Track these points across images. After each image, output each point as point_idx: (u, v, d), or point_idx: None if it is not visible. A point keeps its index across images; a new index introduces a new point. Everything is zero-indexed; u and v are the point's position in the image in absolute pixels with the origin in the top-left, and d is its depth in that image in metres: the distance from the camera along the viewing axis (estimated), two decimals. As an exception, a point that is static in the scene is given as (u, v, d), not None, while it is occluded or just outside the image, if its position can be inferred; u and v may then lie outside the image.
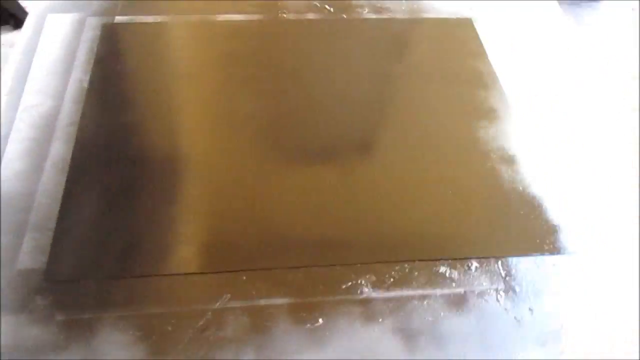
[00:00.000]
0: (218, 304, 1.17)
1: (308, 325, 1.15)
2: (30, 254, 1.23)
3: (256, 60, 1.78)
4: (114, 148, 1.48)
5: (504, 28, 1.93)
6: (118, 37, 1.79)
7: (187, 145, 1.51)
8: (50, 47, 1.73)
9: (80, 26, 1.80)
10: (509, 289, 1.24)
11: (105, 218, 1.32)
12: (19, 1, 3.38)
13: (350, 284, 1.22)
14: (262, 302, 1.18)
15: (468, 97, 1.68)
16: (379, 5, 1.99)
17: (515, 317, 1.19)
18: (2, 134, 1.48)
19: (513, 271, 1.27)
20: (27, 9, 3.32)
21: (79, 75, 1.64)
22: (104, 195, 1.36)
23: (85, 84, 1.61)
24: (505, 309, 1.20)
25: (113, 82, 1.65)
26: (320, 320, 1.16)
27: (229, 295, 1.18)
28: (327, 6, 1.96)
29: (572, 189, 1.44)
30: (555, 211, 1.38)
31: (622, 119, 1.61)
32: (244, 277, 1.21)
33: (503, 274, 1.26)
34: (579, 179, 1.46)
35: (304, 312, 1.17)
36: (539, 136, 1.56)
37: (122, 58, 1.73)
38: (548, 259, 1.30)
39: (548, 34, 1.93)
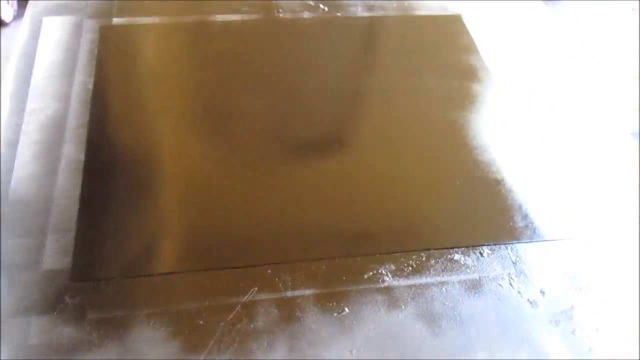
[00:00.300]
0: (246, 297, 1.20)
1: (335, 314, 1.19)
2: (53, 255, 1.24)
3: (253, 59, 1.80)
4: (125, 148, 1.49)
5: (492, 24, 2.00)
6: (118, 39, 1.80)
7: (195, 144, 1.53)
8: (50, 50, 1.73)
9: (78, 29, 1.80)
10: (520, 273, 1.30)
11: (125, 217, 1.33)
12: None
13: (371, 273, 1.26)
14: (289, 293, 1.21)
15: (463, 91, 1.74)
16: (371, 3, 2.03)
17: (528, 299, 1.25)
18: (10, 137, 1.48)
19: (522, 256, 1.33)
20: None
21: (83, 78, 1.64)
22: (120, 195, 1.38)
23: (90, 86, 1.61)
24: (519, 292, 1.26)
25: (117, 83, 1.66)
26: (346, 309, 1.19)
27: (255, 289, 1.21)
28: (321, 5, 2.00)
29: (571, 185, 1.50)
30: (557, 200, 1.45)
31: (622, 119, 1.67)
32: (269, 271, 1.24)
33: (513, 259, 1.32)
34: (578, 177, 1.52)
35: (329, 302, 1.20)
36: (538, 136, 1.61)
37: (124, 60, 1.74)
38: (554, 244, 1.36)
39: (535, 29, 2.01)
